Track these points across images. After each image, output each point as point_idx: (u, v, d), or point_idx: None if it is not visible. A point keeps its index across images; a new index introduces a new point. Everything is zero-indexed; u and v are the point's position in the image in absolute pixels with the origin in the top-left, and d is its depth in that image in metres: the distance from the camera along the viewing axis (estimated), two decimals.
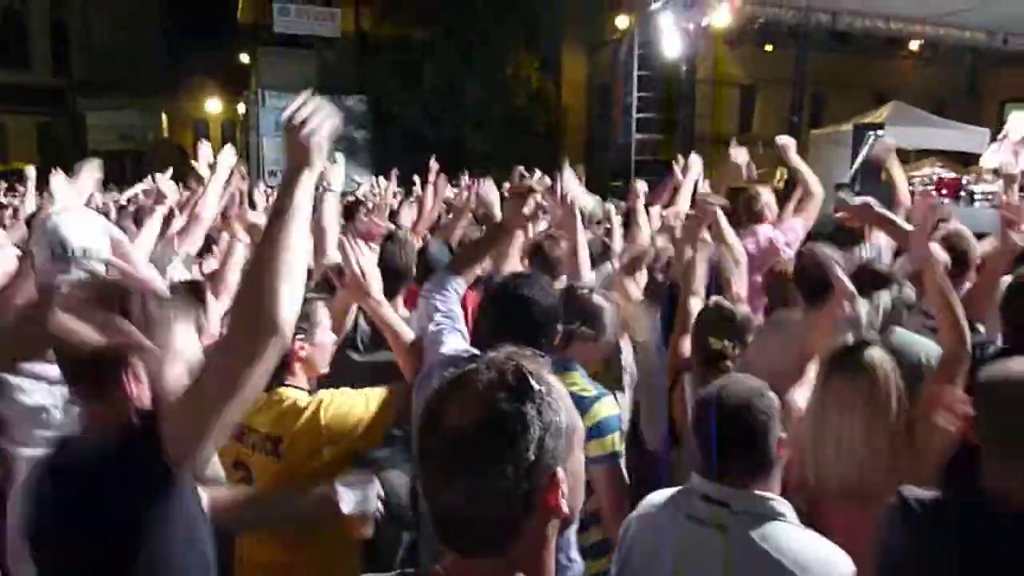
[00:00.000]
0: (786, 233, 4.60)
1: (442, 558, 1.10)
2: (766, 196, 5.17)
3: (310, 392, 2.29)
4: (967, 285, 3.44)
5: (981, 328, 3.02)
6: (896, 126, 11.74)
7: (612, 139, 16.55)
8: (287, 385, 2.25)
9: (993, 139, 10.50)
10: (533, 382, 1.04)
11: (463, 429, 1.01)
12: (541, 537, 1.08)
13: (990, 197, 10.04)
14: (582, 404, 1.34)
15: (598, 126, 20.38)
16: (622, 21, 15.21)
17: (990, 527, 1.63)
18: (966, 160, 12.28)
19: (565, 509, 1.05)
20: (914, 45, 14.36)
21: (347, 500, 1.88)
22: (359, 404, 2.27)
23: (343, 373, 2.51)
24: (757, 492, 1.73)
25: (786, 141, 4.99)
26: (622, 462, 2.39)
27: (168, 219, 3.63)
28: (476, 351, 2.36)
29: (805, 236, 4.59)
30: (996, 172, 10.11)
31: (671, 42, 13.06)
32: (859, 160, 3.23)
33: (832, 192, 11.33)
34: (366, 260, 2.51)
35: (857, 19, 13.01)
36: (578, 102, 22.70)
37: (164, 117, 29.25)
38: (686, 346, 2.81)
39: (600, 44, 20.12)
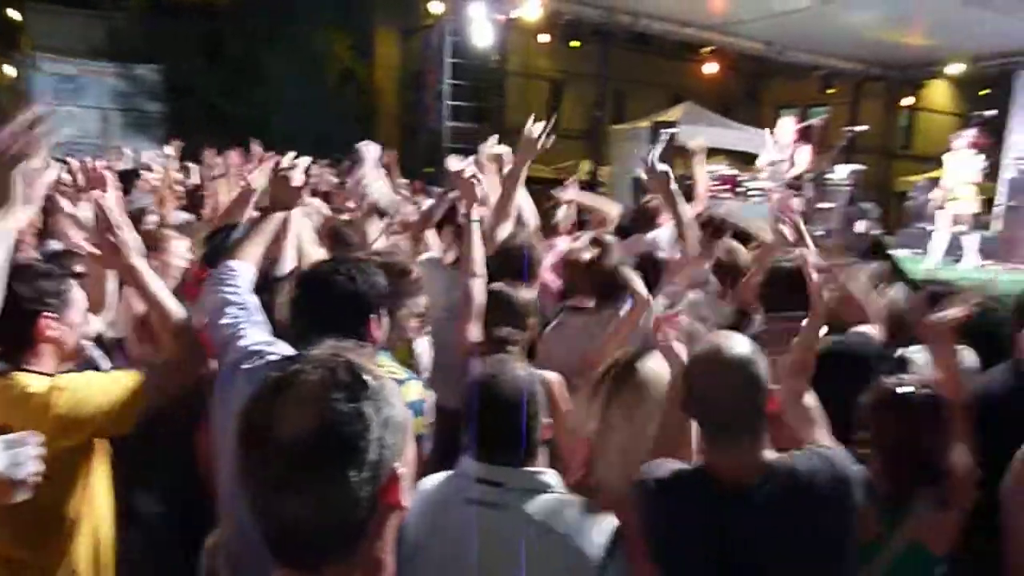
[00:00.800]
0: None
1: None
2: (562, 211, 5.53)
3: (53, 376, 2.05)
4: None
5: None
6: (688, 125, 12.66)
7: (425, 126, 16.45)
8: (25, 369, 2.01)
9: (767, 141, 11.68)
10: (367, 377, 0.98)
11: (299, 437, 0.92)
12: (383, 535, 1.02)
13: (761, 192, 11.25)
14: None
15: (411, 112, 20.19)
16: (436, 7, 15.10)
17: (709, 500, 1.76)
18: (747, 159, 13.46)
19: (405, 502, 1.01)
20: (705, 50, 15.43)
21: None
22: (101, 389, 2.06)
23: None
24: (527, 469, 1.82)
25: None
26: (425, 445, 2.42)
27: None
28: (279, 342, 2.18)
29: None
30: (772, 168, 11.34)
31: (481, 32, 13.19)
32: (652, 155, 3.47)
33: (630, 185, 12.08)
34: (120, 218, 2.25)
35: (655, 22, 13.78)
36: (391, 86, 22.35)
37: None
38: (470, 331, 2.82)
39: (414, 29, 19.89)
